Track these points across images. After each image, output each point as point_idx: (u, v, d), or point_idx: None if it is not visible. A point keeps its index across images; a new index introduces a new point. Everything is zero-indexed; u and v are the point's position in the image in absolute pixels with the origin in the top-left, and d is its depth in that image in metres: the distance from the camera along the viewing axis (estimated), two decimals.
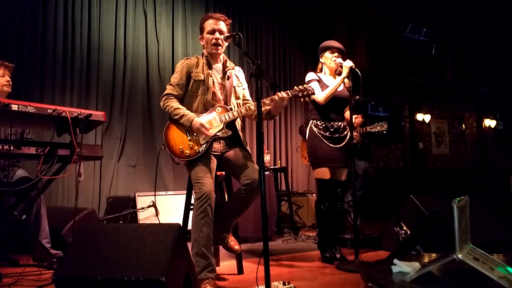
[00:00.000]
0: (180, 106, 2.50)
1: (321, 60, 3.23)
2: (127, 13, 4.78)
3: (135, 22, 4.83)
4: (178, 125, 2.48)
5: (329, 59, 3.16)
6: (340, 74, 3.14)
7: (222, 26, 2.57)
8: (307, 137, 3.15)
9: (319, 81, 3.12)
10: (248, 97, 2.75)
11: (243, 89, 2.72)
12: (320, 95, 3.03)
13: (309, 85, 3.03)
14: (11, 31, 4.09)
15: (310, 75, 3.18)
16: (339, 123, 3.12)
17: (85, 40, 4.49)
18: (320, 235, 3.19)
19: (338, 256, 3.06)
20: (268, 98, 2.47)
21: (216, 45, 2.54)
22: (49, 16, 4.29)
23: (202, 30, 2.61)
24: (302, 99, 2.53)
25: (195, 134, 2.45)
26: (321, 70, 3.23)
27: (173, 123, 2.49)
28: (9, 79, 3.00)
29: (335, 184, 3.12)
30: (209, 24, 2.55)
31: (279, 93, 2.43)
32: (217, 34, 2.53)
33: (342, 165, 3.12)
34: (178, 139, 2.44)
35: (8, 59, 3.07)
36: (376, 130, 3.84)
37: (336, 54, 3.16)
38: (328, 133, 3.08)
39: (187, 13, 5.19)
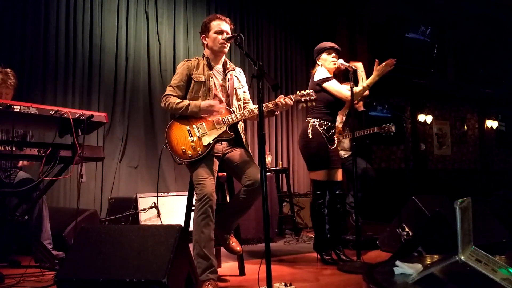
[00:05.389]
0: (181, 100, 2.50)
1: (318, 62, 3.19)
2: (129, 14, 4.79)
3: (136, 24, 4.84)
4: (181, 125, 2.47)
5: (327, 61, 3.15)
6: (337, 75, 3.17)
7: (228, 28, 2.59)
8: (309, 136, 3.05)
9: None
10: (249, 99, 2.75)
11: (244, 92, 2.72)
12: (347, 92, 3.01)
13: (329, 82, 3.04)
14: (13, 33, 4.09)
15: (323, 73, 3.13)
16: (336, 124, 3.18)
17: (87, 41, 4.50)
18: (317, 237, 3.18)
19: (343, 257, 3.05)
20: (272, 103, 2.47)
21: (224, 45, 2.56)
22: (51, 17, 4.30)
23: (207, 29, 2.59)
24: (304, 104, 2.52)
25: (198, 134, 2.45)
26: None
27: (176, 123, 2.49)
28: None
29: (333, 185, 3.12)
30: (216, 25, 2.56)
31: (282, 100, 2.44)
32: (224, 35, 2.54)
33: (338, 166, 3.14)
34: (181, 139, 2.44)
35: (10, 61, 3.06)
36: (384, 132, 3.86)
37: (333, 54, 3.15)
38: (330, 134, 3.08)
39: (189, 14, 5.20)
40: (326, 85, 3.07)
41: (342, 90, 3.07)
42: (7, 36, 4.07)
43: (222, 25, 2.56)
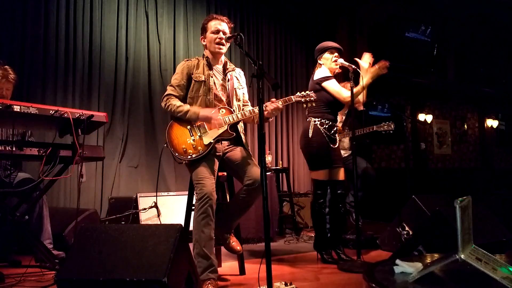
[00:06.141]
0: (182, 103, 2.51)
1: (319, 61, 3.19)
2: (129, 14, 4.79)
3: (136, 23, 4.84)
4: (182, 124, 2.48)
5: (329, 60, 3.15)
6: (337, 74, 3.17)
7: (225, 27, 2.59)
8: (309, 135, 3.05)
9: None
10: (247, 100, 2.75)
11: (243, 93, 2.72)
12: (348, 95, 3.01)
13: (328, 81, 3.04)
14: (13, 33, 4.10)
15: (323, 72, 3.12)
16: (336, 123, 3.18)
17: (87, 41, 4.50)
18: (317, 236, 3.18)
19: (343, 256, 3.05)
20: (267, 105, 2.44)
21: (220, 44, 2.56)
22: (51, 17, 4.30)
23: (205, 30, 2.62)
24: (305, 105, 2.51)
25: (199, 134, 2.45)
26: None
27: (176, 122, 2.49)
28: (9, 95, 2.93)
29: (335, 184, 3.12)
30: (213, 25, 2.57)
31: (273, 104, 2.43)
32: (220, 34, 2.55)
33: (340, 165, 3.13)
34: (182, 138, 2.45)
35: (10, 60, 3.05)
36: (383, 130, 3.85)
37: (336, 54, 3.15)
38: (331, 132, 3.08)
39: (189, 14, 5.20)
40: (325, 84, 3.08)
41: (340, 91, 3.06)
42: (7, 36, 4.07)
43: (219, 24, 2.56)
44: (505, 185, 8.10)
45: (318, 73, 3.13)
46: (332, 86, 3.07)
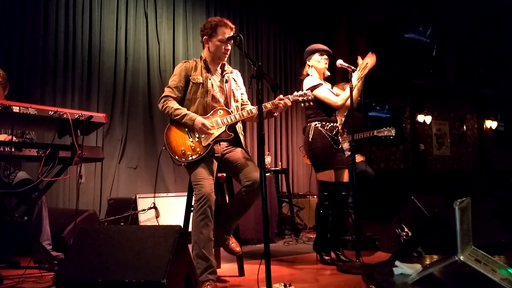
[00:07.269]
0: (180, 106, 2.50)
1: (308, 63, 3.20)
2: (128, 15, 4.79)
3: (136, 24, 4.84)
4: (180, 126, 2.48)
5: (318, 61, 3.16)
6: (327, 77, 3.19)
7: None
8: (311, 138, 3.07)
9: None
10: (246, 100, 2.75)
11: (242, 93, 2.72)
12: (338, 99, 3.05)
13: (317, 89, 3.06)
14: (12, 33, 4.10)
15: (312, 80, 3.14)
16: (337, 124, 3.17)
17: (86, 42, 4.50)
18: (319, 237, 3.18)
19: (342, 258, 3.05)
20: (270, 103, 2.46)
21: (226, 53, 2.57)
22: (50, 18, 4.30)
23: (213, 34, 2.53)
24: (302, 104, 2.52)
25: (197, 135, 2.45)
26: (307, 74, 3.21)
27: (174, 125, 2.49)
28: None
29: (339, 186, 3.12)
30: (223, 33, 2.51)
31: (281, 101, 2.44)
32: (228, 45, 2.54)
33: (344, 166, 3.13)
34: (180, 140, 2.45)
35: (9, 61, 3.04)
36: (384, 135, 3.84)
37: (325, 56, 3.16)
38: (333, 134, 3.08)
39: (188, 15, 5.20)
40: (315, 92, 3.07)
41: (328, 96, 3.08)
42: (6, 36, 4.07)
43: (229, 34, 2.51)
44: (504, 186, 8.11)
45: (307, 83, 3.14)
46: (322, 93, 3.07)
